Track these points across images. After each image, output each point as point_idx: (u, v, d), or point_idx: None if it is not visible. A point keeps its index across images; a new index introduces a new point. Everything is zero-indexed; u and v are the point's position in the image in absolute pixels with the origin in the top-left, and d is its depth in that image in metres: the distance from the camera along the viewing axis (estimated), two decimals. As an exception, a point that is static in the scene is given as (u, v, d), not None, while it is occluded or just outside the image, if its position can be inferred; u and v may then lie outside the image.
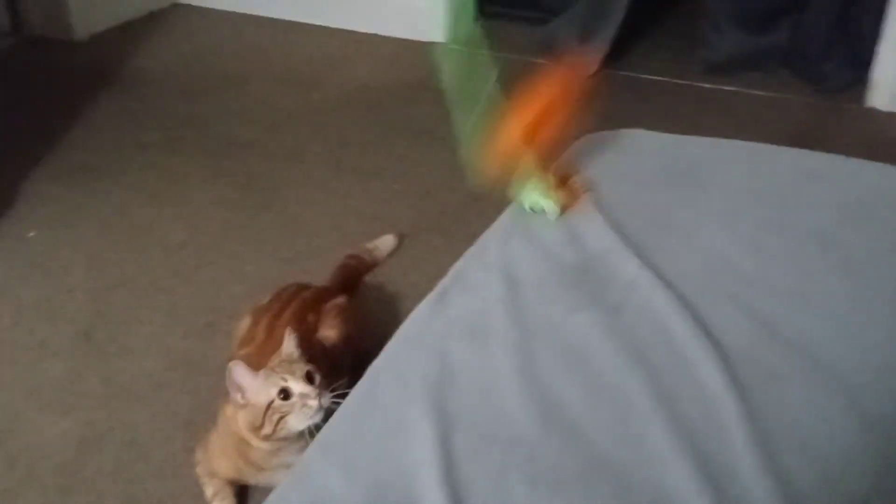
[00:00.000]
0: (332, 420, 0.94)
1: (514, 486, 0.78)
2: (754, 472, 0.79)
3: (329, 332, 1.63)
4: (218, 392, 1.63)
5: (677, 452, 0.81)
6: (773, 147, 1.36)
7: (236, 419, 1.34)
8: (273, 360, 1.38)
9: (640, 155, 1.37)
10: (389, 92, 3.00)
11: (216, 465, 1.43)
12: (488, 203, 1.31)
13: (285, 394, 1.29)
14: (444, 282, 1.14)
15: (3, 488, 1.48)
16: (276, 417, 1.29)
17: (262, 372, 1.32)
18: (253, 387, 1.31)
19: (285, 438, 1.31)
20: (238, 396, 1.32)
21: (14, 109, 2.85)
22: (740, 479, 0.79)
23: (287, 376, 1.30)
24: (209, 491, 1.44)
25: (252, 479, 1.41)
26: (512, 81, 3.22)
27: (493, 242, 1.19)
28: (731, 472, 0.79)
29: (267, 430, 1.30)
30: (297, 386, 1.29)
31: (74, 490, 1.48)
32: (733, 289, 1.03)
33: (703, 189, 1.24)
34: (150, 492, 1.48)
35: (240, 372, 1.30)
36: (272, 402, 1.29)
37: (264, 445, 1.34)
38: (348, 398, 0.96)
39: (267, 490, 1.37)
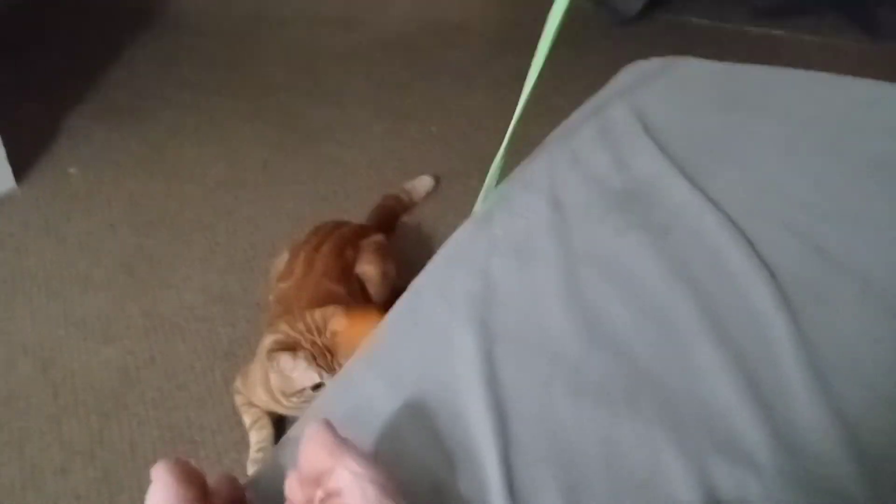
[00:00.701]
0: (375, 332, 0.94)
1: (558, 398, 0.77)
2: (803, 391, 0.77)
3: (367, 267, 1.63)
4: (256, 324, 1.65)
5: (724, 370, 0.79)
6: (828, 75, 1.31)
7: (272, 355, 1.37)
8: (318, 316, 1.39)
9: (690, 82, 1.33)
10: (428, 34, 2.97)
11: (254, 394, 1.45)
12: (526, 146, 1.29)
13: (317, 387, 1.35)
14: (488, 204, 1.12)
15: (48, 414, 1.51)
16: (303, 399, 1.36)
17: (303, 354, 1.34)
18: (295, 370, 1.35)
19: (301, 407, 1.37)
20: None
21: (57, 49, 2.87)
22: (788, 398, 0.77)
23: (325, 373, 1.34)
24: (247, 420, 1.46)
25: (285, 410, 1.43)
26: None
27: (537, 166, 1.16)
28: (779, 391, 0.78)
29: (293, 401, 1.37)
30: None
31: (116, 417, 1.51)
32: (785, 213, 1.00)
33: (755, 116, 1.20)
34: (190, 420, 1.50)
35: (285, 360, 1.34)
36: (304, 389, 1.35)
37: (285, 402, 1.39)
38: (391, 312, 0.96)
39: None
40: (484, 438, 0.74)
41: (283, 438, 0.83)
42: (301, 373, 1.34)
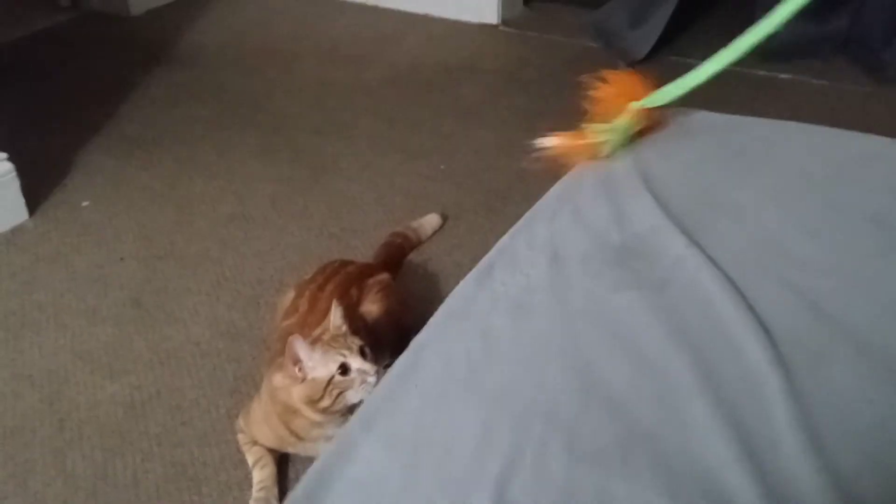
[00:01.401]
0: (374, 393, 0.95)
1: (553, 458, 0.78)
2: (797, 452, 0.78)
3: (371, 307, 1.65)
4: (261, 361, 1.67)
5: (719, 429, 0.80)
6: (828, 129, 1.32)
7: (288, 390, 1.36)
8: (319, 331, 1.40)
9: (690, 134, 1.35)
10: (438, 72, 3.00)
11: (258, 433, 1.45)
12: (534, 183, 1.31)
13: (344, 369, 1.31)
14: (490, 257, 1.14)
15: (53, 448, 1.52)
16: (335, 392, 1.32)
17: (319, 346, 1.33)
18: (311, 361, 1.33)
19: (338, 411, 1.34)
20: (296, 369, 1.34)
21: (72, 82, 2.92)
22: (782, 458, 0.78)
23: (345, 352, 1.32)
24: (251, 458, 1.46)
25: (292, 448, 1.43)
26: (564, 64, 3.19)
27: (539, 219, 1.18)
28: (773, 451, 0.78)
29: (326, 403, 1.33)
30: (356, 362, 1.31)
31: (121, 452, 1.52)
32: (782, 269, 1.01)
33: (754, 169, 1.22)
34: (194, 456, 1.51)
35: (299, 346, 1.32)
36: (332, 377, 1.31)
37: (317, 417, 1.36)
38: (391, 371, 0.97)
39: (307, 459, 1.41)
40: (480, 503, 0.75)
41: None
42: (320, 360, 1.31)
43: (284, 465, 1.47)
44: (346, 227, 2.14)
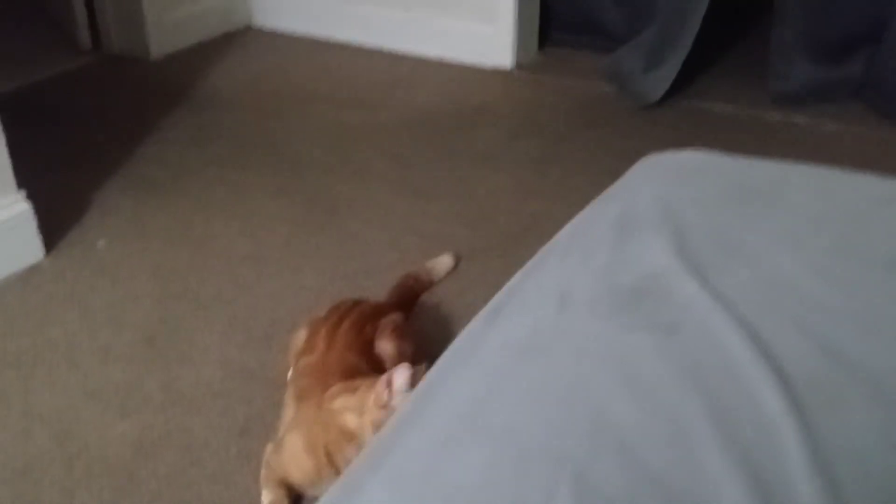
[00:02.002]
0: (380, 434, 0.94)
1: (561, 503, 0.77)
2: (813, 498, 0.76)
3: (385, 345, 1.65)
4: (272, 403, 1.66)
5: (733, 477, 0.79)
6: (842, 172, 1.32)
7: (354, 413, 1.37)
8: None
9: (703, 176, 1.35)
10: (452, 115, 3.03)
11: (292, 465, 1.44)
12: (547, 226, 1.31)
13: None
14: (498, 299, 1.13)
15: (61, 487, 1.52)
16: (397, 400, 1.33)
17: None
18: (402, 394, 1.33)
19: None
20: (385, 393, 1.35)
21: (91, 124, 2.96)
22: (798, 505, 0.76)
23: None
24: (267, 499, 1.45)
25: (326, 483, 1.41)
26: (578, 108, 3.22)
27: (548, 260, 1.18)
28: (788, 498, 0.77)
29: (382, 415, 1.33)
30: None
31: (130, 492, 1.51)
32: (796, 313, 1.00)
33: (768, 212, 1.21)
34: (203, 498, 1.50)
35: (405, 376, 1.33)
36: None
37: (371, 427, 1.36)
38: (397, 413, 0.96)
39: None
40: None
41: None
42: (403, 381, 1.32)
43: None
44: (359, 269, 2.14)
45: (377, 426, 1.34)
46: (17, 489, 1.51)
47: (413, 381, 1.30)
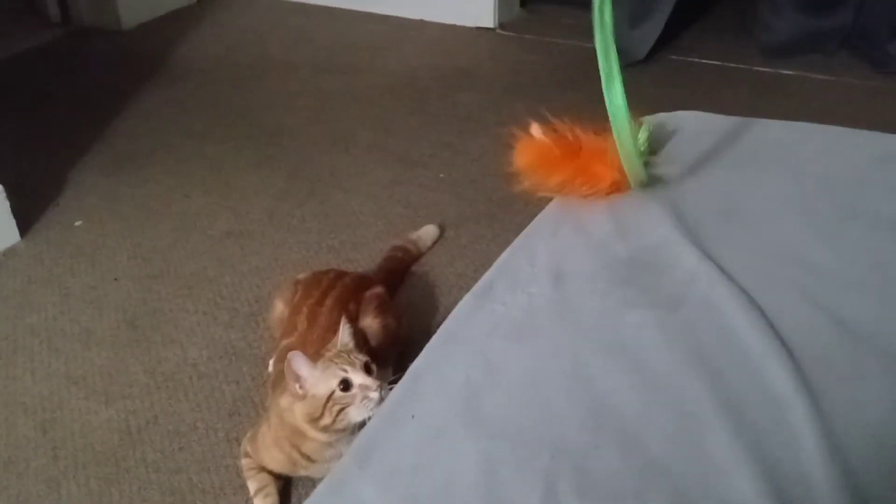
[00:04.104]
0: (368, 426, 0.89)
1: (561, 498, 0.73)
2: (827, 483, 0.73)
3: (371, 322, 1.60)
4: (261, 382, 1.62)
5: (742, 461, 0.75)
6: (844, 129, 1.27)
7: (293, 410, 1.32)
8: (328, 349, 1.35)
9: (698, 138, 1.30)
10: (436, 79, 2.96)
11: (266, 457, 1.40)
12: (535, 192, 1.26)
13: (345, 385, 1.26)
14: (489, 275, 1.09)
15: (47, 477, 1.48)
16: (336, 409, 1.26)
17: (320, 362, 1.29)
18: (312, 377, 1.28)
19: (343, 430, 1.29)
20: (296, 386, 1.29)
21: (63, 99, 2.88)
22: (812, 491, 0.72)
23: (347, 367, 1.27)
24: (253, 486, 1.41)
25: (304, 471, 1.38)
26: (563, 66, 3.15)
27: (540, 233, 1.13)
28: (801, 483, 0.73)
29: (326, 421, 1.27)
30: (358, 377, 1.26)
31: (117, 480, 1.47)
32: (803, 282, 0.96)
33: (767, 174, 1.17)
34: (193, 483, 1.46)
35: (299, 362, 1.27)
36: (332, 393, 1.26)
37: (321, 436, 1.31)
38: (386, 402, 0.92)
39: (311, 486, 1.36)
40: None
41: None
42: (320, 376, 1.27)
43: (287, 491, 1.42)
44: (346, 241, 2.09)
45: (310, 417, 1.29)
46: (0, 481, 1.47)
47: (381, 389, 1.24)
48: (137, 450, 1.53)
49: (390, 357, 1.65)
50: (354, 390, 1.26)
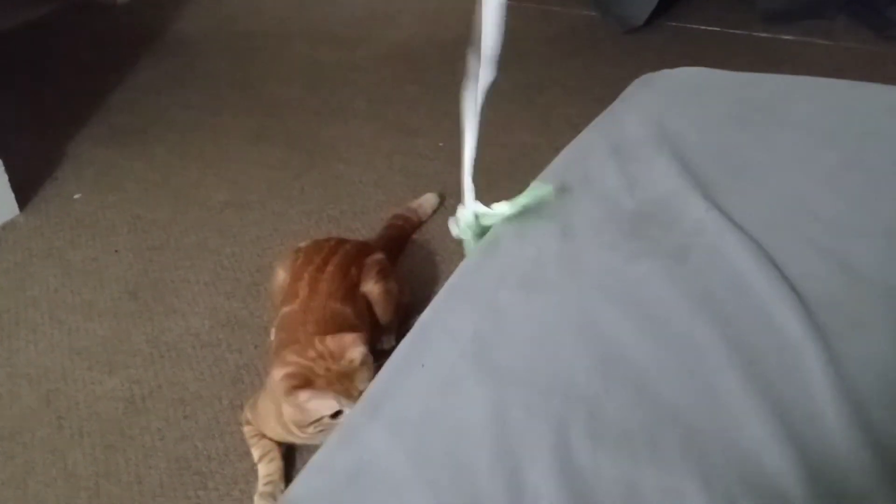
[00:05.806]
0: (378, 376, 0.89)
1: (573, 443, 0.73)
2: (839, 426, 0.73)
3: (373, 287, 1.60)
4: (264, 350, 1.62)
5: (753, 405, 0.75)
6: (848, 82, 1.26)
7: (282, 397, 1.33)
8: (333, 354, 1.34)
9: (703, 93, 1.29)
10: (432, 48, 2.94)
11: (265, 426, 1.41)
12: (535, 157, 1.24)
13: (336, 414, 1.30)
14: (495, 230, 1.08)
15: (53, 446, 1.48)
16: (320, 428, 1.31)
17: (319, 391, 1.30)
18: (310, 401, 1.30)
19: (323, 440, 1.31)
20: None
21: (59, 73, 2.86)
22: (824, 434, 0.72)
23: (344, 401, 1.29)
24: (257, 452, 1.42)
25: (299, 440, 1.39)
26: (562, 34, 3.12)
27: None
28: (813, 427, 0.73)
29: (310, 431, 1.32)
30: (350, 409, 1.28)
31: (123, 448, 1.47)
32: (810, 231, 0.95)
33: (774, 127, 1.16)
34: (198, 450, 1.46)
35: (304, 396, 1.29)
36: (322, 418, 1.30)
37: (302, 436, 1.35)
38: (395, 353, 0.91)
39: (314, 449, 1.36)
40: (494, 491, 0.69)
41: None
42: (318, 402, 1.29)
43: (291, 456, 1.42)
44: (346, 210, 2.08)
45: (297, 424, 1.32)
46: (6, 452, 1.47)
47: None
48: (142, 418, 1.53)
49: (392, 323, 1.65)
50: (342, 419, 1.29)
